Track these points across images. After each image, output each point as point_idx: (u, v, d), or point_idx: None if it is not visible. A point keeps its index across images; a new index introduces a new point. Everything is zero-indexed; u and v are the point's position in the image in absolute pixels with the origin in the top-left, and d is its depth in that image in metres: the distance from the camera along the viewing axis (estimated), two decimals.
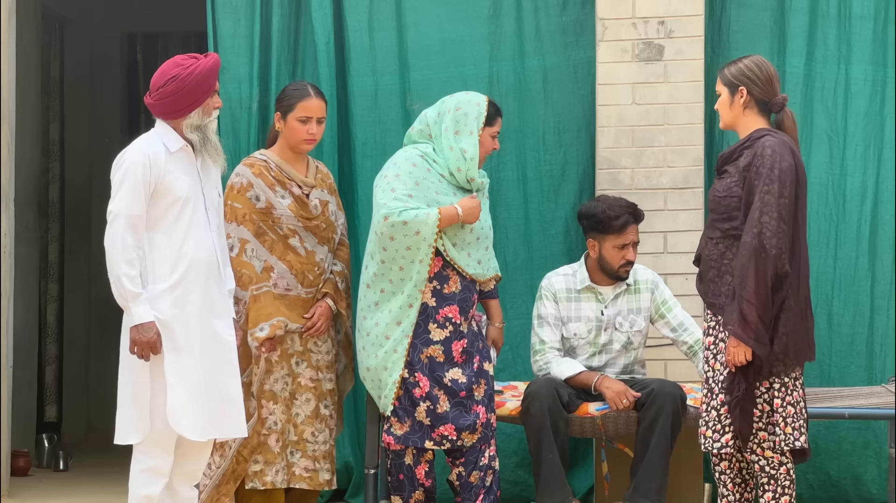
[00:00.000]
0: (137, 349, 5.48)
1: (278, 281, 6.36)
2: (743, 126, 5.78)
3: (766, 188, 5.57)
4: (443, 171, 6.43)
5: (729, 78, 5.78)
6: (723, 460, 5.79)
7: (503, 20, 7.44)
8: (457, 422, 6.31)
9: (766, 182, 5.57)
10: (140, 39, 11.26)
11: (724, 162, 5.78)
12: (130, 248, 5.51)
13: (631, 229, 6.61)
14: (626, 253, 6.60)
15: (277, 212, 6.36)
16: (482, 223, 6.48)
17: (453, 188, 6.43)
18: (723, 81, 5.81)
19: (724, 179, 5.73)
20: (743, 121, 5.78)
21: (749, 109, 5.77)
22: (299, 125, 6.42)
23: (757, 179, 5.60)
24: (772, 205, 5.55)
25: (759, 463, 5.68)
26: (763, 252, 5.53)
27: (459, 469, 6.39)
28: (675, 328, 6.70)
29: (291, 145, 6.46)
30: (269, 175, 6.40)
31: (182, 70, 5.63)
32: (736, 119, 5.79)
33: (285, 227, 6.38)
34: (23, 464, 8.62)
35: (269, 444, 6.31)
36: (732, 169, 5.71)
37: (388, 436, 6.37)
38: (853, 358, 7.20)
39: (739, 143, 5.74)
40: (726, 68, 5.82)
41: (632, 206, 6.65)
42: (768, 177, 5.56)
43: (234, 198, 6.33)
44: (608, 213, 6.58)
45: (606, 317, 6.66)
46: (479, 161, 6.45)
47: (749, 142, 5.70)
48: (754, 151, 5.65)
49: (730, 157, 5.75)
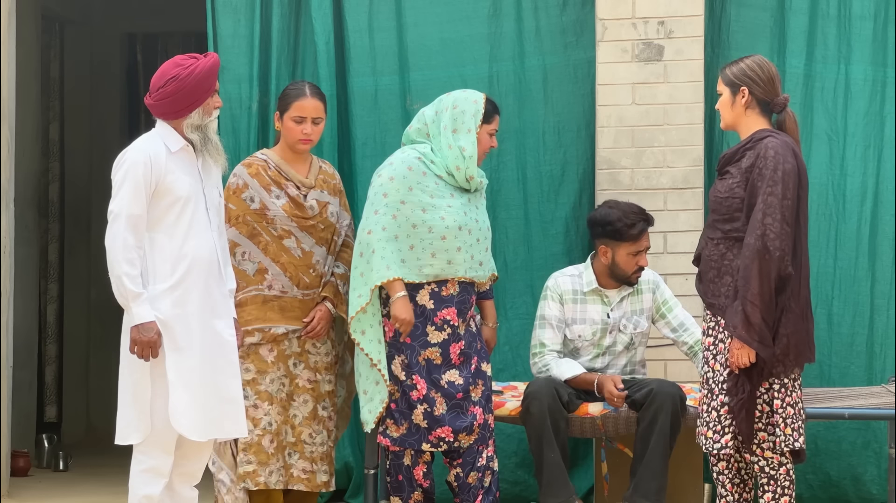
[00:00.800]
0: (138, 349, 5.47)
1: (273, 282, 6.35)
2: (744, 126, 5.77)
3: (769, 190, 5.56)
4: (440, 172, 6.39)
5: (731, 78, 5.77)
6: (721, 460, 5.79)
7: (503, 20, 7.44)
8: (453, 424, 6.30)
9: (770, 184, 5.56)
10: (140, 40, 11.26)
11: (725, 163, 5.77)
12: (131, 248, 5.50)
13: (645, 236, 6.60)
14: (639, 259, 6.59)
15: (271, 212, 6.36)
16: (480, 224, 6.46)
17: (451, 189, 6.41)
18: (724, 81, 5.80)
19: (725, 180, 5.73)
20: (744, 121, 5.78)
21: (751, 110, 5.77)
22: (294, 125, 6.42)
23: (760, 181, 5.59)
24: (775, 206, 5.54)
25: (759, 463, 5.68)
26: (766, 254, 5.53)
27: (457, 470, 6.39)
28: (675, 328, 6.70)
29: (289, 145, 6.46)
30: (265, 175, 6.40)
31: (182, 70, 5.62)
32: (737, 119, 5.79)
33: (279, 228, 6.37)
34: (23, 465, 8.62)
35: (263, 445, 6.30)
36: (734, 170, 5.70)
37: (384, 439, 6.36)
38: (853, 358, 7.20)
39: (741, 144, 5.73)
40: (728, 68, 5.82)
41: (643, 211, 6.63)
42: (771, 178, 5.56)
43: (228, 198, 6.33)
44: (625, 221, 6.55)
45: (612, 319, 6.65)
46: (477, 159, 6.43)
47: (751, 143, 5.69)
48: (757, 153, 5.64)
49: (732, 158, 5.74)
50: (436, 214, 6.32)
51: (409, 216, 6.30)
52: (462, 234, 6.35)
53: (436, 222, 6.31)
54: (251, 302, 6.32)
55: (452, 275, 6.34)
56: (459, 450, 6.35)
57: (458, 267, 6.34)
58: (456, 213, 6.35)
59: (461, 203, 6.40)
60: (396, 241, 6.28)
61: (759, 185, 5.59)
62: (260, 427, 6.31)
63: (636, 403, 6.41)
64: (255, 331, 6.31)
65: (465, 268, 6.36)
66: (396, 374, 6.34)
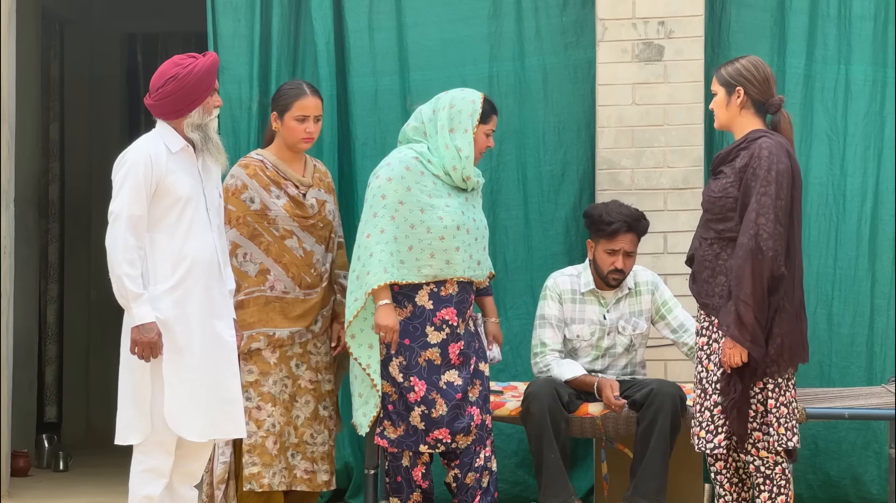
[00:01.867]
0: (139, 350, 5.47)
1: (275, 283, 6.35)
2: (739, 126, 5.76)
3: (762, 190, 5.56)
4: (437, 172, 6.38)
5: (726, 77, 5.76)
6: (718, 460, 5.79)
7: (503, 20, 7.44)
8: (451, 425, 6.29)
9: (763, 184, 5.56)
10: (140, 40, 11.26)
11: (719, 162, 5.77)
12: (132, 249, 5.50)
13: (623, 237, 6.56)
14: (615, 259, 6.56)
15: (272, 213, 6.36)
16: (478, 223, 6.45)
17: (448, 188, 6.39)
18: (719, 81, 5.79)
19: (719, 180, 5.72)
20: (739, 121, 5.77)
21: (745, 110, 5.76)
22: (296, 124, 6.41)
23: (754, 181, 5.59)
24: (768, 206, 5.54)
25: (755, 463, 5.68)
26: (759, 254, 5.52)
27: (455, 471, 6.38)
28: (675, 329, 6.70)
29: (290, 144, 6.45)
30: (264, 175, 6.39)
31: (181, 69, 5.62)
32: (732, 119, 5.77)
33: (281, 228, 6.37)
34: (23, 465, 8.62)
35: (267, 447, 6.30)
36: (728, 169, 5.70)
37: (381, 440, 6.36)
38: (853, 358, 7.20)
39: (735, 144, 5.73)
40: (723, 68, 5.80)
41: (633, 214, 6.59)
42: (765, 178, 5.56)
43: (228, 200, 6.31)
44: (605, 217, 6.56)
45: (609, 321, 6.65)
46: (474, 159, 6.42)
47: (745, 143, 5.69)
48: (751, 152, 5.64)
49: (726, 158, 5.74)
50: (434, 214, 6.31)
51: (407, 217, 6.29)
52: (460, 234, 6.34)
53: (434, 222, 6.29)
54: (253, 303, 6.32)
55: (451, 276, 6.33)
56: (457, 450, 6.35)
57: (456, 267, 6.33)
58: (454, 213, 6.34)
59: (459, 202, 6.39)
60: (395, 243, 6.27)
61: (753, 185, 5.58)
62: (263, 428, 6.30)
63: (636, 403, 6.41)
64: (260, 335, 6.31)
65: (464, 267, 6.35)
66: (394, 376, 6.32)
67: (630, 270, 6.63)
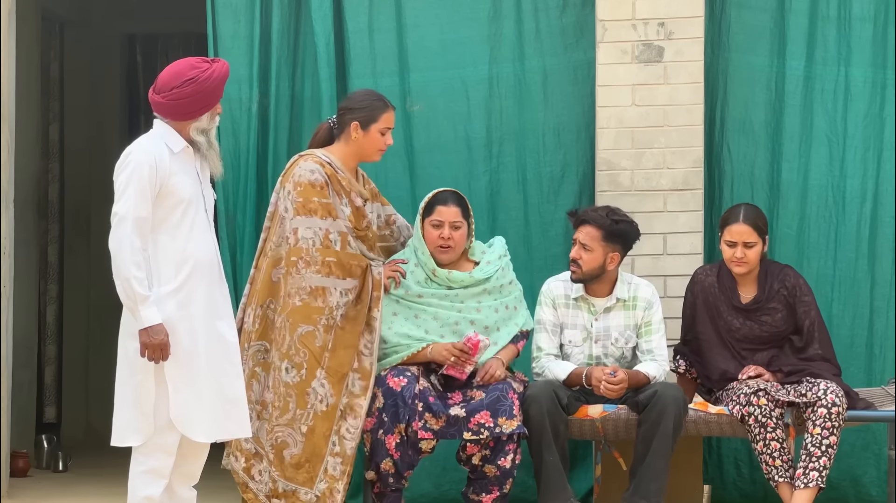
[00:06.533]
0: (149, 352, 5.44)
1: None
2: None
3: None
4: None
5: (760, 226, 6.49)
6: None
7: (503, 22, 7.45)
8: (492, 407, 6.30)
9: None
10: (140, 40, 11.26)
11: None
12: (138, 251, 5.46)
13: (581, 229, 6.55)
14: (574, 249, 6.58)
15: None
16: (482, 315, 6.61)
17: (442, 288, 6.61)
18: (756, 231, 6.50)
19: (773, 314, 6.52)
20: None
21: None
22: (380, 137, 6.42)
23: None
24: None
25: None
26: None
27: (486, 452, 6.35)
28: (644, 351, 6.64)
29: (365, 154, 6.44)
30: (337, 180, 6.38)
31: (200, 73, 5.58)
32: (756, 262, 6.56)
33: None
34: (22, 465, 8.62)
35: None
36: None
37: (424, 432, 6.32)
38: (853, 359, 7.20)
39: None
40: (755, 219, 6.47)
41: (602, 211, 6.58)
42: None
43: (317, 194, 6.27)
44: (578, 211, 6.68)
45: (595, 329, 6.62)
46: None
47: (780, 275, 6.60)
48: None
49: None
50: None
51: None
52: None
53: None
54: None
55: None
56: (500, 437, 6.31)
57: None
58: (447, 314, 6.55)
59: (451, 302, 6.56)
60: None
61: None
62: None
63: (639, 404, 6.41)
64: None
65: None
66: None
67: (589, 266, 6.56)
